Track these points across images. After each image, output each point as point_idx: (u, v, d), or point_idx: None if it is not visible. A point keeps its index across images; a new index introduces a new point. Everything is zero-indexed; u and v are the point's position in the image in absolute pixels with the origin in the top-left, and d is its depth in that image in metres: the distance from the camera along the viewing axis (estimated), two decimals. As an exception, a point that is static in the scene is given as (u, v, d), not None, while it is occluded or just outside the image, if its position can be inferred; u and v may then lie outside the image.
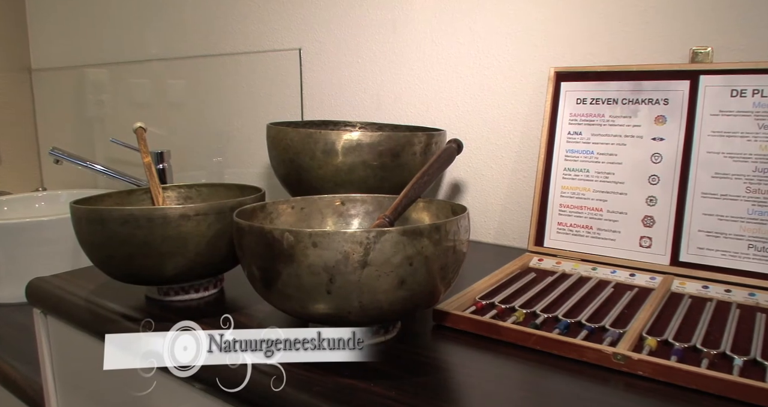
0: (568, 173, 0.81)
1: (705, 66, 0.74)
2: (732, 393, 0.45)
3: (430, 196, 0.98)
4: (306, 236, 0.47)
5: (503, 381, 0.49)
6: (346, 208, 0.69)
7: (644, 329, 0.56)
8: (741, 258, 0.69)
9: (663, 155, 0.75)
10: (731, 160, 0.71)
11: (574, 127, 0.81)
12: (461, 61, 0.96)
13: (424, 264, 0.49)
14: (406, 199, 0.63)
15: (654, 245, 0.74)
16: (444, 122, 0.99)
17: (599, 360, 0.51)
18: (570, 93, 0.82)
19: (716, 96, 0.73)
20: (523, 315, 0.60)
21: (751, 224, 0.69)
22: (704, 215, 0.72)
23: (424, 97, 1.01)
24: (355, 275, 0.48)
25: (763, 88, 0.71)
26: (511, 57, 0.91)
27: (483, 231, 0.95)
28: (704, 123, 0.73)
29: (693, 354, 0.52)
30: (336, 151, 0.78)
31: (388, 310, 0.50)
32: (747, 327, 0.57)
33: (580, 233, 0.79)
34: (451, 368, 0.52)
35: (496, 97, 0.93)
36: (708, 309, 0.61)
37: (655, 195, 0.75)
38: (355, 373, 0.50)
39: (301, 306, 0.50)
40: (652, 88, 0.77)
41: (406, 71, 1.02)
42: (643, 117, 0.77)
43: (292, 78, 1.20)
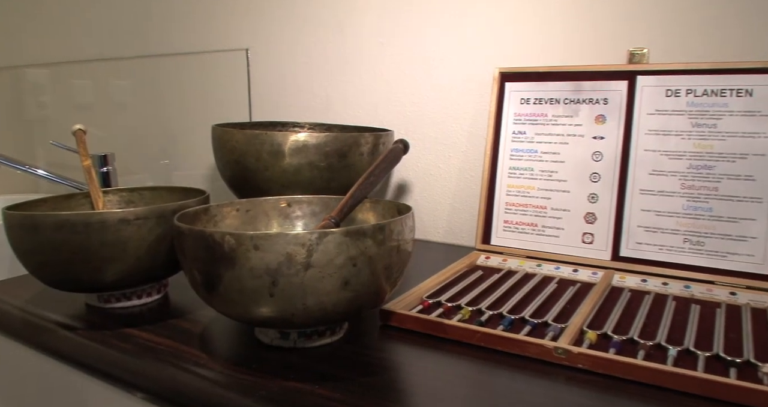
0: (513, 172, 0.82)
1: (641, 67, 0.77)
2: (665, 382, 0.47)
3: (378, 196, 0.98)
4: (247, 239, 0.47)
5: (449, 378, 0.50)
6: (292, 209, 0.68)
7: (585, 323, 0.57)
8: (677, 252, 0.72)
9: (603, 153, 0.77)
10: (667, 158, 0.74)
11: (519, 126, 0.83)
12: (409, 62, 0.96)
13: (368, 265, 0.49)
14: (352, 200, 0.63)
15: (596, 241, 0.76)
16: (393, 122, 0.99)
17: (541, 354, 0.52)
18: (514, 93, 0.84)
19: (652, 96, 0.75)
20: (469, 312, 0.60)
21: (686, 219, 0.72)
22: (642, 211, 0.74)
23: (372, 98, 1.01)
24: (298, 277, 0.47)
25: (695, 89, 0.73)
26: (458, 58, 0.92)
27: (432, 230, 0.96)
28: (641, 122, 0.76)
29: (631, 345, 0.53)
30: (282, 152, 0.77)
31: (332, 311, 0.50)
32: (682, 319, 0.59)
33: (526, 230, 0.81)
34: (397, 367, 0.52)
35: (443, 97, 0.94)
36: (646, 302, 0.63)
37: (596, 192, 0.77)
38: (301, 376, 0.49)
39: (244, 309, 0.50)
40: (591, 88, 0.79)
41: (355, 72, 1.02)
42: (584, 116, 0.79)
43: (240, 79, 1.18)
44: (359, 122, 1.02)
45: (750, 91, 0.71)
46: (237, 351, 0.55)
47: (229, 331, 0.59)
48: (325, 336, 0.55)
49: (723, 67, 0.72)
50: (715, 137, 0.71)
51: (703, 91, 0.73)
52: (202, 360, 0.53)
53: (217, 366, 0.52)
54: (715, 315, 0.60)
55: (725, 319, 0.59)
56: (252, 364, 0.52)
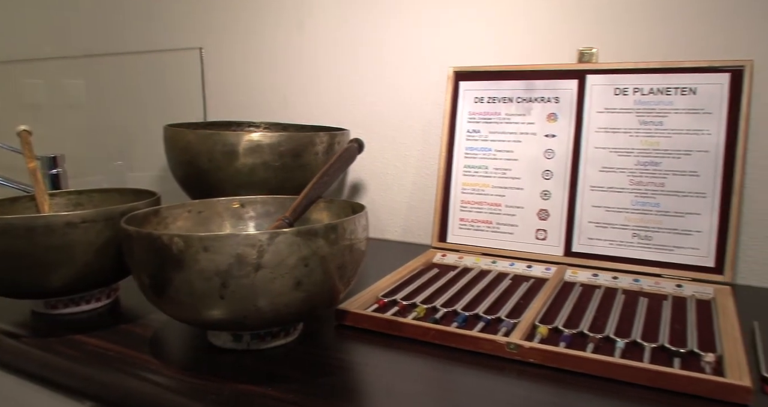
0: (468, 170, 0.83)
1: (591, 66, 0.79)
2: (613, 373, 0.48)
3: (335, 196, 0.98)
4: (196, 241, 0.46)
5: (403, 376, 0.50)
6: (246, 210, 0.67)
7: (537, 318, 0.58)
8: (626, 247, 0.74)
9: (555, 150, 0.79)
10: (616, 154, 0.75)
11: (473, 125, 0.84)
12: (365, 61, 0.96)
13: (321, 265, 0.49)
14: (306, 199, 0.62)
15: (549, 237, 0.78)
16: (349, 121, 0.99)
17: (494, 350, 0.52)
18: (468, 92, 0.85)
19: (601, 94, 0.77)
20: (424, 310, 0.61)
21: (635, 214, 0.74)
22: (593, 207, 0.76)
23: (329, 97, 1.01)
24: (248, 278, 0.47)
25: (642, 87, 0.75)
26: (413, 57, 0.92)
27: (390, 229, 0.96)
28: (591, 120, 0.77)
29: (581, 339, 0.54)
30: (236, 152, 0.76)
31: (285, 312, 0.50)
32: (630, 311, 0.61)
33: (481, 228, 0.81)
34: (352, 367, 0.52)
35: (399, 96, 0.94)
36: (596, 296, 0.65)
37: (548, 190, 0.78)
38: (254, 378, 0.49)
39: (194, 313, 0.49)
40: (543, 87, 0.80)
41: (312, 71, 1.02)
42: (537, 115, 0.80)
43: (194, 78, 1.16)
44: (316, 121, 1.02)
45: (694, 89, 0.73)
46: (189, 355, 0.54)
47: (182, 335, 0.58)
48: (279, 338, 0.55)
49: (668, 67, 0.74)
50: (661, 134, 0.74)
51: (650, 90, 0.75)
52: (153, 365, 0.52)
53: (168, 371, 0.51)
54: (661, 307, 0.62)
55: (671, 311, 0.61)
56: (204, 368, 0.51)
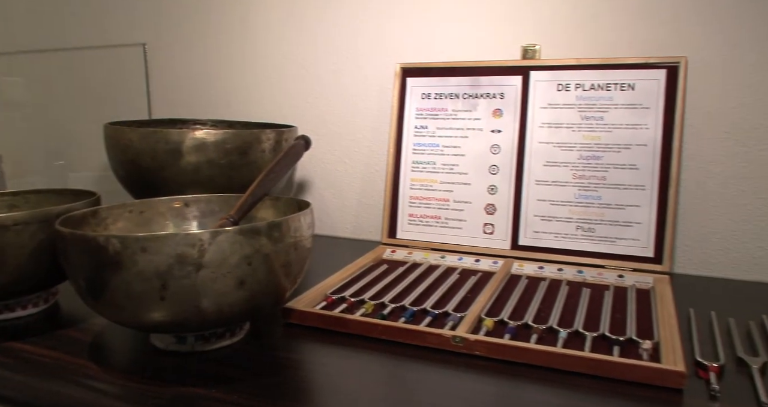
0: (417, 166, 0.84)
1: (534, 62, 0.80)
2: (555, 363, 0.49)
3: (284, 194, 0.97)
4: (133, 242, 0.45)
5: (350, 373, 0.50)
6: (190, 209, 0.66)
7: (483, 311, 0.59)
8: (571, 239, 0.75)
9: (501, 146, 0.80)
10: (559, 149, 0.77)
11: (421, 121, 0.84)
12: (312, 58, 0.95)
13: (264, 263, 0.49)
14: (251, 197, 0.61)
15: (496, 232, 0.79)
16: (298, 118, 0.98)
17: (440, 344, 0.53)
18: (415, 88, 0.85)
19: (545, 90, 0.79)
20: (372, 306, 0.61)
21: (578, 207, 0.76)
22: (538, 201, 0.77)
23: (277, 94, 0.99)
24: (190, 279, 0.46)
25: (584, 83, 0.77)
26: (360, 54, 0.92)
27: (340, 226, 0.96)
28: (535, 115, 0.79)
29: (525, 330, 0.55)
30: (179, 150, 0.75)
31: (229, 312, 0.49)
32: (573, 302, 0.62)
33: (430, 223, 0.82)
34: (299, 365, 0.51)
35: (346, 93, 0.94)
36: (542, 288, 0.66)
37: (495, 184, 0.80)
38: (198, 381, 0.48)
39: (134, 315, 0.47)
40: (489, 83, 0.81)
41: (258, 68, 1.00)
42: (482, 111, 0.81)
43: (137, 75, 1.13)
44: (264, 118, 1.01)
45: (632, 85, 0.75)
46: (131, 359, 0.53)
47: (123, 339, 0.57)
48: (225, 338, 0.54)
49: (608, 63, 0.76)
50: (602, 129, 0.75)
51: (591, 86, 0.77)
52: (92, 370, 0.50)
53: (107, 376, 0.49)
54: (603, 297, 0.64)
55: (612, 301, 0.63)
56: (146, 372, 0.50)
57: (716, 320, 0.59)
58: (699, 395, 0.46)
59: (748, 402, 0.45)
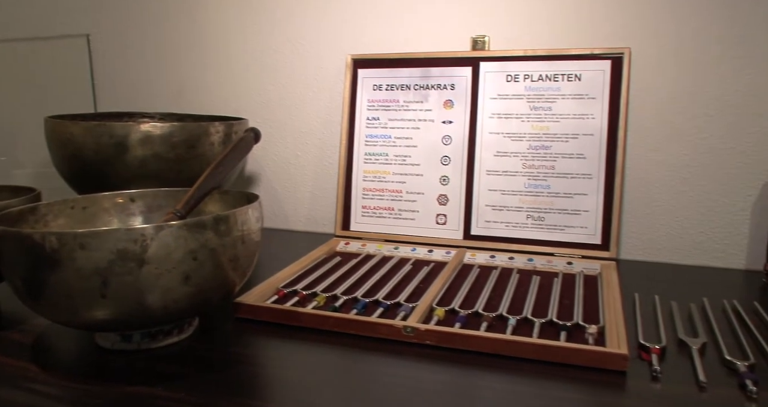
0: (369, 158, 0.83)
1: (484, 53, 0.80)
2: (504, 350, 0.50)
3: (237, 187, 0.96)
4: (71, 238, 0.43)
5: (302, 366, 0.50)
6: (136, 205, 0.64)
7: (435, 301, 0.59)
8: (521, 228, 0.76)
9: (452, 136, 0.80)
10: (509, 139, 0.78)
11: (372, 112, 0.84)
12: (263, 49, 0.94)
13: (211, 257, 0.48)
14: (198, 191, 0.60)
15: (449, 222, 0.79)
16: (250, 111, 0.96)
17: (392, 334, 0.53)
18: (367, 80, 0.85)
19: (494, 81, 0.79)
20: (324, 299, 0.60)
21: (528, 196, 0.77)
22: (489, 190, 0.78)
23: (227, 86, 0.98)
24: (132, 275, 0.44)
25: (532, 74, 0.78)
26: (311, 45, 0.91)
27: (294, 219, 0.95)
28: (485, 106, 0.79)
29: (475, 319, 0.56)
30: (125, 144, 0.73)
31: (175, 309, 0.48)
32: (523, 290, 0.63)
33: (383, 214, 0.82)
34: (249, 360, 0.51)
35: (298, 85, 0.93)
36: (493, 277, 0.67)
37: (447, 175, 0.80)
38: (145, 379, 0.47)
39: (74, 315, 0.46)
40: (439, 74, 0.82)
41: (208, 60, 0.98)
42: (434, 102, 0.81)
43: (82, 67, 1.09)
44: (215, 111, 0.99)
45: (579, 75, 0.76)
46: (75, 359, 0.51)
47: (66, 339, 0.55)
48: (173, 335, 0.53)
49: (555, 54, 0.77)
50: (551, 119, 0.77)
51: (539, 77, 0.78)
52: (33, 373, 0.48)
53: (50, 378, 0.48)
54: (552, 284, 0.65)
55: (561, 287, 0.64)
56: (91, 372, 0.48)
57: (659, 303, 0.61)
58: (641, 376, 0.47)
59: (688, 381, 0.47)
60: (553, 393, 0.45)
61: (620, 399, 0.44)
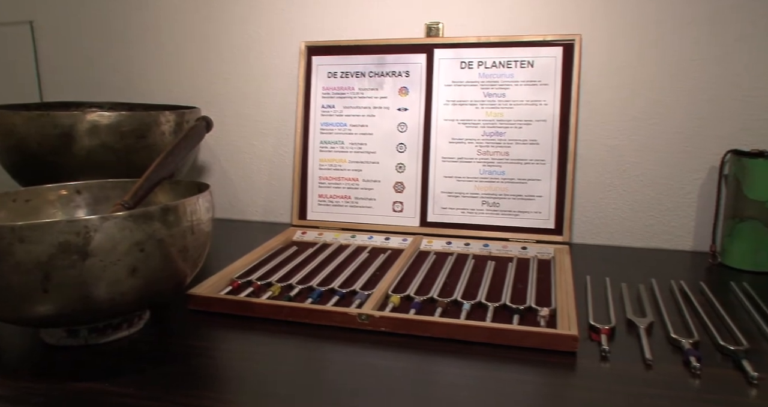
0: (325, 146, 0.83)
1: (438, 40, 0.80)
2: (458, 334, 0.50)
3: (191, 177, 0.94)
4: (8, 232, 0.42)
5: (257, 357, 0.49)
6: (82, 197, 0.62)
7: (390, 288, 0.59)
8: (477, 214, 0.77)
9: (408, 124, 0.80)
10: (464, 126, 0.78)
11: (327, 100, 0.83)
12: (216, 37, 0.92)
13: (159, 249, 0.47)
14: (147, 182, 0.59)
15: (405, 209, 0.79)
16: (203, 100, 0.94)
17: (346, 322, 0.53)
18: (321, 67, 0.84)
19: (448, 68, 0.79)
20: (279, 288, 0.60)
21: (483, 183, 0.77)
22: (445, 177, 0.78)
23: (180, 76, 0.95)
24: (75, 268, 0.43)
25: (485, 60, 0.78)
26: (265, 32, 0.89)
27: (250, 209, 0.93)
28: (440, 93, 0.79)
29: (430, 304, 0.56)
30: (71, 135, 0.70)
31: (122, 302, 0.47)
32: (478, 275, 0.64)
33: (340, 203, 0.82)
34: (202, 353, 0.50)
35: (253, 72, 0.91)
36: (449, 263, 0.67)
37: (403, 162, 0.80)
38: (92, 375, 0.46)
39: (14, 311, 0.44)
40: (394, 61, 0.81)
41: (159, 48, 0.95)
42: (389, 89, 0.81)
43: (25, 55, 1.05)
44: (168, 100, 0.96)
45: (531, 62, 0.77)
46: (19, 357, 0.50)
47: (9, 336, 0.53)
48: (122, 329, 0.52)
49: (508, 41, 0.78)
50: (504, 106, 0.77)
51: (493, 63, 0.78)
52: (-26, 371, 0.47)
53: (-9, 376, 0.46)
54: (507, 269, 0.66)
55: (515, 272, 0.65)
56: (36, 370, 0.47)
57: (610, 285, 0.63)
58: (591, 356, 0.48)
59: (635, 360, 0.48)
60: (506, 375, 0.46)
61: (570, 379, 0.45)
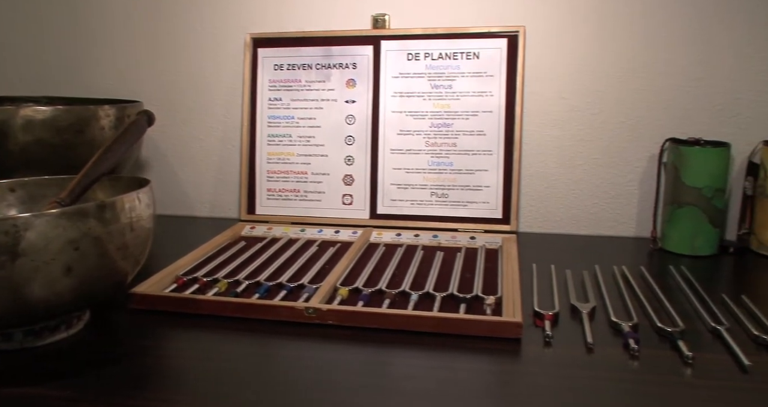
0: (272, 139, 0.82)
1: (384, 32, 0.80)
2: (405, 325, 0.50)
3: (136, 173, 0.91)
4: (-70, 232, 0.40)
5: (202, 355, 0.48)
6: (16, 195, 0.60)
7: (339, 281, 0.59)
8: (426, 205, 0.78)
9: (356, 116, 0.80)
10: (412, 118, 0.78)
11: (274, 93, 0.82)
12: (159, 30, 0.89)
13: (95, 247, 0.45)
14: (85, 178, 0.57)
15: (355, 202, 0.79)
16: (147, 94, 0.92)
17: (294, 316, 0.52)
18: (267, 59, 0.83)
19: (396, 60, 0.79)
20: (226, 284, 0.59)
21: (432, 174, 0.78)
22: (394, 169, 0.79)
23: (122, 69, 0.92)
24: (5, 269, 0.41)
25: (432, 52, 0.79)
26: (209, 24, 0.87)
27: (198, 205, 0.92)
28: (388, 85, 0.79)
29: (379, 296, 0.56)
30: (3, 130, 0.67)
31: (58, 303, 0.45)
32: (427, 266, 0.64)
33: (289, 197, 0.81)
34: (145, 352, 0.49)
35: (197, 65, 0.89)
36: (398, 254, 0.68)
37: (352, 155, 0.80)
38: (29, 380, 0.44)
39: (-59, 314, 0.42)
40: (341, 53, 0.81)
41: (100, 41, 0.92)
42: (336, 81, 0.81)
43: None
44: (111, 95, 0.93)
45: (477, 54, 0.77)
46: (-52, 363, 0.48)
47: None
48: (60, 331, 0.50)
49: (454, 33, 0.78)
50: (451, 97, 0.78)
51: (439, 55, 0.78)
52: None
53: None
54: (455, 259, 0.66)
55: (463, 261, 0.65)
56: (-33, 375, 0.45)
57: (555, 272, 0.64)
58: (535, 342, 0.49)
59: (578, 344, 0.49)
60: (454, 364, 0.46)
61: (515, 365, 0.46)
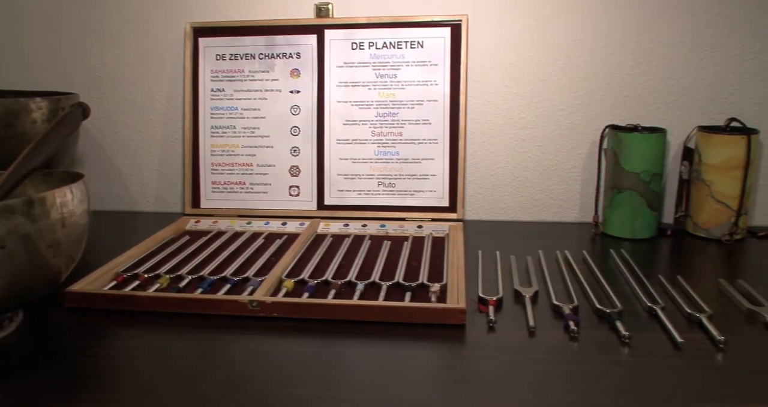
0: (216, 131, 0.80)
1: (328, 21, 0.79)
2: (351, 315, 0.50)
3: (74, 168, 0.88)
4: None
5: (143, 353, 0.47)
6: (-60, 192, 0.57)
7: (284, 273, 0.58)
8: (373, 195, 0.77)
9: (301, 106, 0.79)
10: (357, 107, 0.78)
11: (217, 84, 0.80)
12: (96, 20, 0.86)
13: (23, 244, 0.43)
14: (15, 173, 0.54)
15: (302, 193, 0.79)
16: (84, 86, 0.88)
17: (238, 310, 0.52)
18: (209, 49, 0.81)
19: (340, 49, 0.79)
20: (168, 280, 0.57)
21: (378, 163, 0.78)
22: (341, 160, 0.78)
23: (53, 60, 0.88)
24: (-76, 270, 0.39)
25: (376, 41, 0.78)
26: (147, 13, 0.85)
27: (141, 200, 0.89)
28: (332, 75, 0.79)
29: (325, 287, 0.56)
30: (-76, 125, 0.64)
31: (-15, 304, 0.43)
32: (374, 255, 0.64)
33: (234, 189, 0.79)
34: (82, 353, 0.47)
35: (136, 56, 0.86)
36: (345, 245, 0.67)
37: (297, 146, 0.79)
38: (-46, 384, 0.42)
39: None
40: (284, 42, 0.79)
41: (31, 32, 0.88)
42: (280, 71, 0.79)
43: None
44: (45, 87, 0.89)
45: (421, 43, 0.78)
46: None
47: None
48: (-11, 333, 0.48)
49: (398, 22, 0.78)
50: (396, 86, 0.78)
51: (384, 44, 0.78)
52: None
53: None
54: (402, 248, 0.66)
55: (410, 250, 0.66)
56: None
57: (500, 259, 0.65)
58: (479, 328, 0.50)
59: (520, 328, 0.50)
60: (400, 352, 0.46)
61: (459, 351, 0.47)
